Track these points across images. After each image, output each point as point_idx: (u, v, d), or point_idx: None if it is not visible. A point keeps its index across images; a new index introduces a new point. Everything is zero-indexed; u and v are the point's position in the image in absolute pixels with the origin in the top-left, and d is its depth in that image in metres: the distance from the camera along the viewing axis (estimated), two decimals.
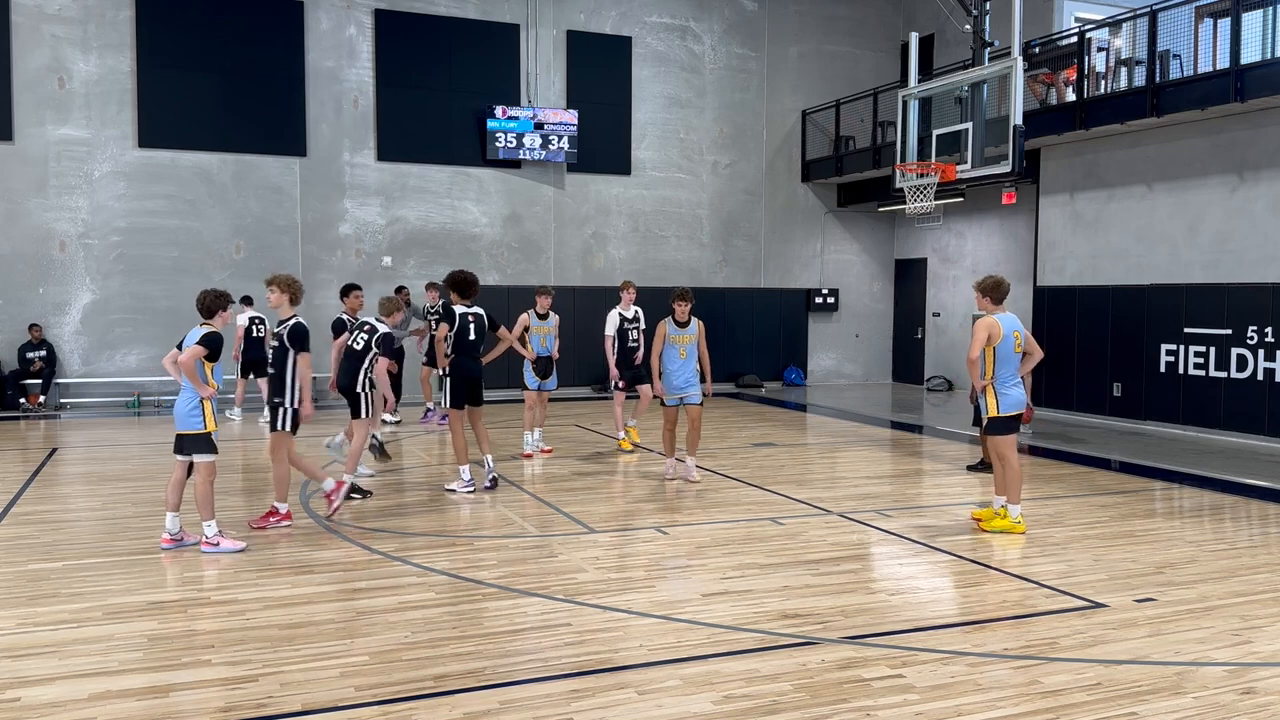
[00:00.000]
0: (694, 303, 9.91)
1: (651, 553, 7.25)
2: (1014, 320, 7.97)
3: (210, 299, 7.35)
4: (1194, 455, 11.82)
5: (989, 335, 7.76)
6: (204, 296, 7.36)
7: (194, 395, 7.18)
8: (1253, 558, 7.24)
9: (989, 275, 8.23)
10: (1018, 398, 7.89)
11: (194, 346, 7.13)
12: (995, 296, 7.96)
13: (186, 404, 7.20)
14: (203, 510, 7.21)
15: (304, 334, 7.67)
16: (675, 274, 19.77)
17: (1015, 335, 7.88)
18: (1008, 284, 8.09)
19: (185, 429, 7.21)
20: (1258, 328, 12.81)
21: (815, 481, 10.18)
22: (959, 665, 5.05)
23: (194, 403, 7.18)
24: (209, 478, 7.22)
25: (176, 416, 7.25)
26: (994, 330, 7.78)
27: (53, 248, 16.14)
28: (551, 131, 18.33)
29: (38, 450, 11.98)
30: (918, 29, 16.84)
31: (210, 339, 7.20)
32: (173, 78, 16.51)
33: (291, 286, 7.73)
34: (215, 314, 7.34)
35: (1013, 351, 7.86)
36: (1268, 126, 12.81)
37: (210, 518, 7.21)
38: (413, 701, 4.56)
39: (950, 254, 19.83)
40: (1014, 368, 7.90)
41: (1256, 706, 4.60)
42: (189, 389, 7.19)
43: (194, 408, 7.18)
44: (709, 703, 4.56)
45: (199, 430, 7.19)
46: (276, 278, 7.78)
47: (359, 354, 9.25)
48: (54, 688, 4.70)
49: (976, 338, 7.78)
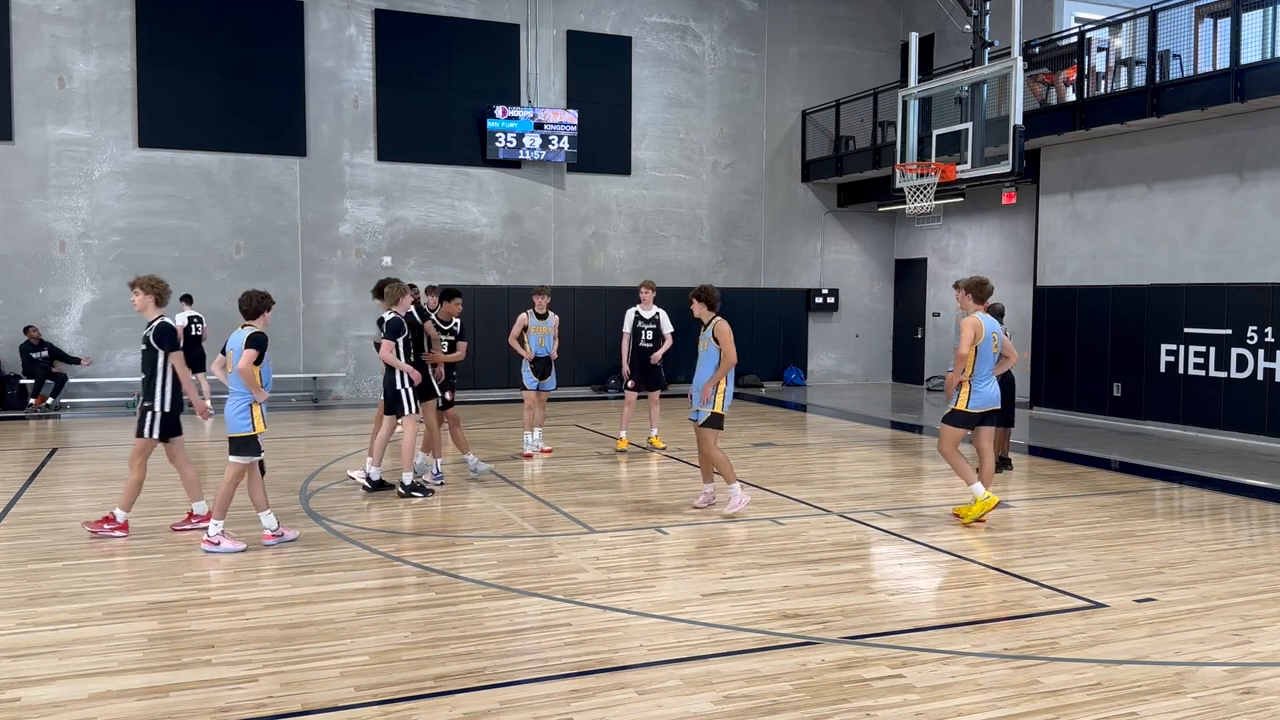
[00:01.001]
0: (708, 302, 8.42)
1: (651, 553, 7.25)
2: (993, 322, 8.35)
3: (256, 300, 7.37)
4: (1194, 455, 11.81)
5: (975, 333, 8.14)
6: (249, 298, 7.37)
7: (244, 398, 7.18)
8: (1253, 558, 7.25)
9: (972, 275, 8.67)
10: (991, 394, 8.25)
11: (248, 351, 7.11)
12: (978, 295, 8.35)
13: (236, 406, 7.21)
14: (216, 508, 7.22)
15: (170, 333, 7.51)
16: (675, 274, 19.78)
17: (994, 336, 8.26)
18: (991, 284, 8.45)
19: (234, 431, 7.23)
20: (1258, 328, 12.81)
21: (815, 481, 10.18)
22: (959, 665, 5.05)
23: (243, 405, 7.19)
24: (236, 479, 7.23)
25: (227, 419, 7.27)
26: (979, 329, 8.16)
27: (53, 248, 16.14)
28: (551, 131, 18.33)
29: (38, 450, 11.98)
30: (918, 29, 16.84)
31: (257, 339, 7.21)
32: (173, 78, 16.51)
33: (156, 288, 7.54)
34: (259, 315, 7.36)
35: (991, 351, 8.25)
36: (1268, 126, 12.81)
37: (221, 517, 7.21)
38: (413, 701, 4.56)
39: (950, 254, 19.82)
40: (990, 366, 8.26)
41: (1256, 706, 4.60)
42: (239, 392, 7.19)
43: (243, 410, 7.19)
44: (709, 703, 4.56)
45: (247, 432, 7.21)
46: (139, 280, 7.54)
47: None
48: (54, 688, 4.70)
49: (964, 335, 8.17)
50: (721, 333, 8.17)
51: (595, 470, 10.70)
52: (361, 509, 8.65)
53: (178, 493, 9.40)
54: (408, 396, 9.02)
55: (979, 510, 8.13)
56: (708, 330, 8.29)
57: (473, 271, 18.48)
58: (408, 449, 9.02)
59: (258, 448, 7.30)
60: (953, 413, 8.31)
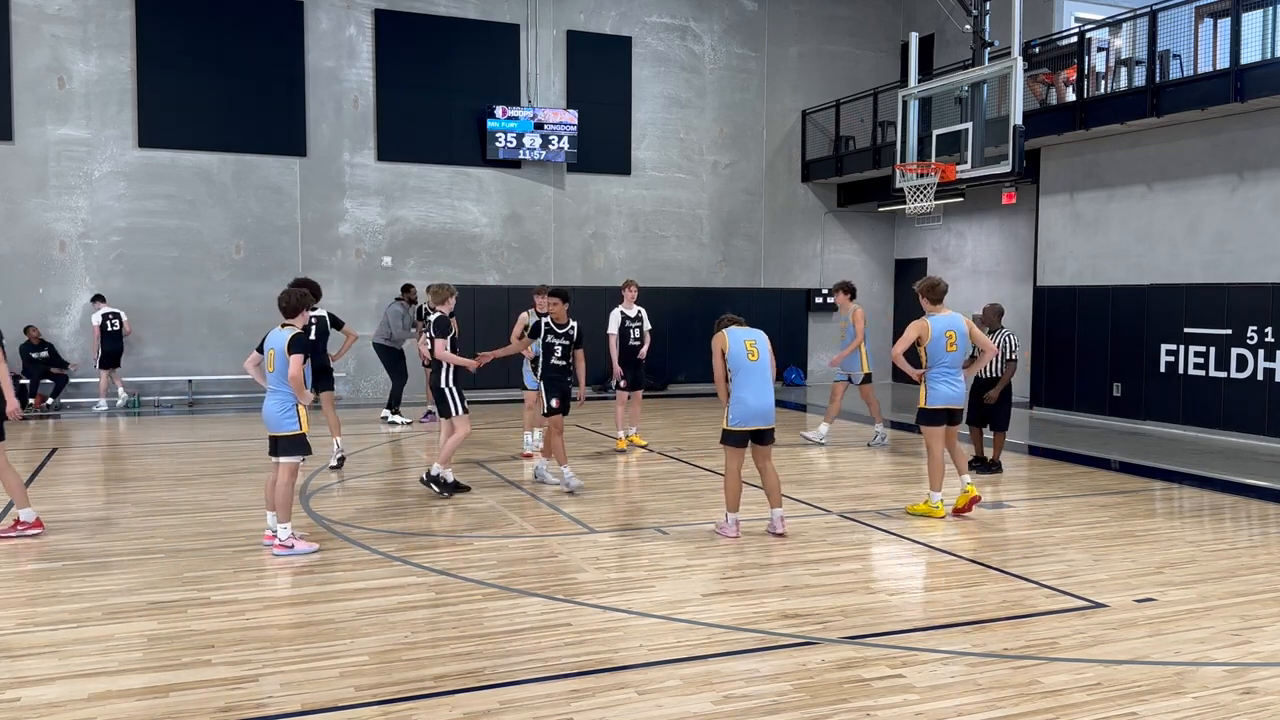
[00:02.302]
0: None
1: (651, 553, 7.25)
2: (952, 320, 8.38)
3: (295, 298, 7.31)
4: (1194, 455, 11.81)
5: (918, 336, 8.34)
6: (289, 296, 7.31)
7: (287, 398, 7.11)
8: (1253, 558, 7.24)
9: (926, 276, 8.89)
10: (947, 393, 8.34)
11: (295, 357, 7.02)
12: (932, 296, 8.50)
13: (279, 406, 7.12)
14: (281, 511, 7.14)
15: None
16: (675, 274, 19.79)
17: (948, 335, 8.30)
18: (945, 284, 8.62)
19: (280, 430, 7.14)
20: (1258, 328, 12.80)
21: (815, 481, 10.17)
22: (959, 665, 5.05)
23: (289, 405, 7.12)
24: (292, 479, 7.19)
25: (268, 419, 7.17)
26: (924, 331, 8.31)
27: (53, 248, 16.14)
28: (551, 131, 18.34)
29: (38, 450, 11.98)
30: (918, 29, 16.84)
31: (301, 343, 7.16)
32: (173, 78, 16.51)
33: None
34: (299, 313, 7.30)
35: (944, 350, 8.32)
36: (1268, 126, 12.81)
37: (287, 519, 7.15)
38: (413, 701, 4.56)
39: (950, 254, 19.82)
40: (947, 364, 8.34)
41: (1256, 706, 4.60)
42: (280, 391, 7.12)
43: (289, 410, 7.12)
44: (709, 703, 4.56)
45: (294, 431, 7.14)
46: None
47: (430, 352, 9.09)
48: (54, 688, 4.69)
49: (904, 337, 8.41)
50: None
51: (595, 470, 10.70)
52: (361, 509, 8.65)
53: (178, 493, 9.42)
54: (453, 396, 8.98)
55: (923, 511, 8.42)
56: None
57: (472, 271, 18.48)
58: (451, 447, 8.99)
59: (307, 446, 7.23)
60: (920, 413, 8.52)
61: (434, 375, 9.12)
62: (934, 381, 8.38)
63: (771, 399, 7.63)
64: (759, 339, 7.77)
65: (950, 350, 8.30)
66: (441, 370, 9.01)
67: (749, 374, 7.57)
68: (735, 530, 7.69)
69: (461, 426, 9.00)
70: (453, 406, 8.99)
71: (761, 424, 7.56)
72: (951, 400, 8.37)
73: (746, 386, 7.54)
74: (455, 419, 9.02)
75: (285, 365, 7.05)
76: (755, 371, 7.60)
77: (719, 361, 7.67)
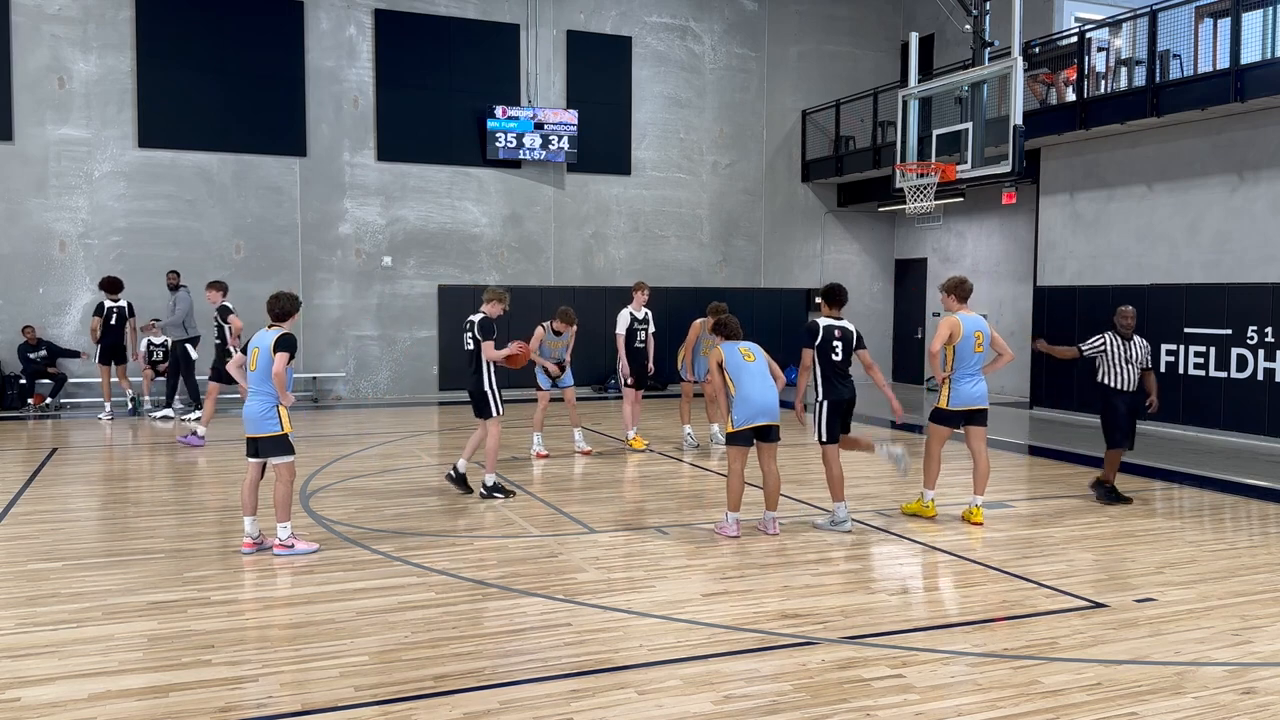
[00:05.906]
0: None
1: (651, 553, 7.25)
2: (978, 321, 8.28)
3: (286, 302, 7.30)
4: (1194, 455, 11.81)
5: (950, 333, 8.14)
6: (278, 300, 7.30)
7: (269, 399, 7.09)
8: (1253, 558, 7.24)
9: (952, 275, 8.70)
10: (969, 393, 8.24)
11: (281, 354, 7.02)
12: (959, 295, 8.35)
13: (260, 406, 7.11)
14: (280, 512, 7.12)
15: None
16: (675, 274, 19.78)
17: (977, 335, 8.21)
18: (970, 284, 8.48)
19: (261, 432, 7.12)
20: (1258, 328, 12.80)
21: (815, 482, 10.16)
22: (959, 665, 5.05)
23: (269, 406, 7.10)
24: (289, 479, 7.17)
25: (248, 420, 7.16)
26: (955, 329, 8.14)
27: (53, 248, 16.14)
28: (551, 131, 18.33)
29: (38, 450, 11.97)
30: (918, 29, 16.83)
31: (290, 341, 7.14)
32: (173, 78, 16.50)
33: None
34: (289, 317, 7.30)
35: (972, 350, 8.20)
36: (1268, 126, 12.81)
37: (286, 520, 7.13)
38: (413, 701, 4.56)
39: (950, 254, 19.82)
40: (971, 365, 8.23)
41: (1256, 706, 4.60)
42: (261, 393, 7.10)
43: (268, 411, 7.10)
44: (709, 703, 4.56)
45: (276, 432, 7.12)
46: None
47: (472, 353, 9.00)
48: (54, 688, 4.70)
49: (939, 334, 8.20)
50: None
51: (596, 470, 10.70)
52: (361, 509, 8.64)
53: (176, 493, 9.43)
54: (494, 398, 8.95)
55: (914, 509, 8.46)
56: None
57: (472, 271, 18.48)
58: (492, 450, 8.99)
59: (290, 446, 7.21)
60: (934, 410, 8.46)
61: (474, 378, 9.01)
62: (958, 382, 8.23)
63: (774, 396, 7.71)
64: (754, 347, 7.94)
65: (978, 350, 8.21)
66: (483, 372, 8.96)
67: (749, 375, 7.71)
68: (736, 529, 7.72)
69: (494, 428, 9.02)
70: (494, 407, 8.96)
71: (766, 419, 7.64)
72: (974, 401, 8.26)
73: (748, 385, 7.66)
74: (491, 420, 8.99)
75: (269, 363, 7.05)
76: (755, 372, 7.74)
77: (716, 374, 7.86)
